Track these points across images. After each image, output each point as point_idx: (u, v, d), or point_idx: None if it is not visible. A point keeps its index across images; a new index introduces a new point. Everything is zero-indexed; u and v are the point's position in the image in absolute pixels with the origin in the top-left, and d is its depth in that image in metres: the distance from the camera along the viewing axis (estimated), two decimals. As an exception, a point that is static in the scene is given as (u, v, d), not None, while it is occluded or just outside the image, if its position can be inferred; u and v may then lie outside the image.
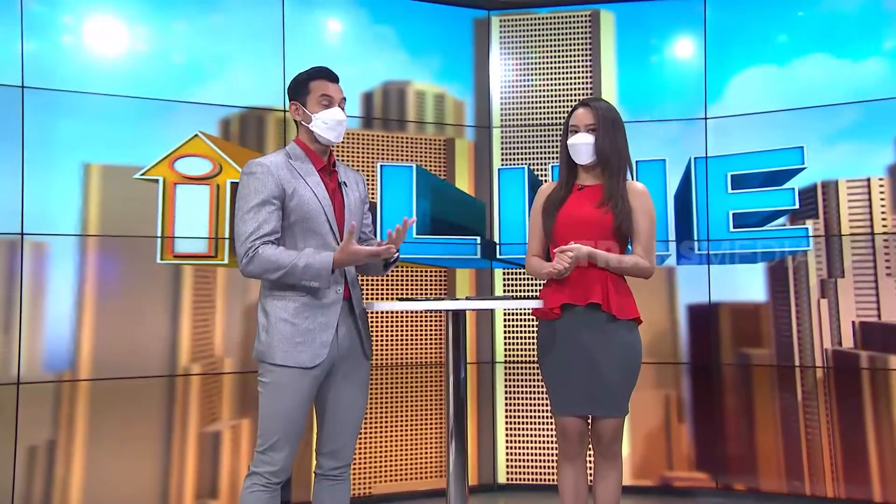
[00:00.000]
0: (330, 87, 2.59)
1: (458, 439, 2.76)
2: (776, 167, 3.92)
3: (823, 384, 3.81)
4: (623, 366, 2.72)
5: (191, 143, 3.69)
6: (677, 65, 4.20)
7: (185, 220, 3.65)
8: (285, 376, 2.50)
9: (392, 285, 4.02)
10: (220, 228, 3.70)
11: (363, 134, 4.05)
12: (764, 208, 3.93)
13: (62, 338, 3.43)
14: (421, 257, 4.02)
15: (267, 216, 2.48)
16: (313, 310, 2.53)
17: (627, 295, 2.76)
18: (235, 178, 3.69)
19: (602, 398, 2.70)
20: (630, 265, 2.74)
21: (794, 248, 3.88)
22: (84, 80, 3.53)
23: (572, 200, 2.80)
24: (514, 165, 4.23)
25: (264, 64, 3.86)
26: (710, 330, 4.05)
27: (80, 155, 3.50)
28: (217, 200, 3.71)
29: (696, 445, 4.06)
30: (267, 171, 2.51)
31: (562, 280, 2.71)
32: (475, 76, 4.30)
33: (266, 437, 2.50)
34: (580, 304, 2.71)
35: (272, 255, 2.45)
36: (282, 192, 2.51)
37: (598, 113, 2.75)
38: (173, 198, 3.64)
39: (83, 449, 3.44)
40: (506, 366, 4.16)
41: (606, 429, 2.73)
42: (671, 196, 4.08)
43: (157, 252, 3.60)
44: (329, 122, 2.57)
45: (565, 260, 2.61)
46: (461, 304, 2.62)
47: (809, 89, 3.90)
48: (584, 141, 2.75)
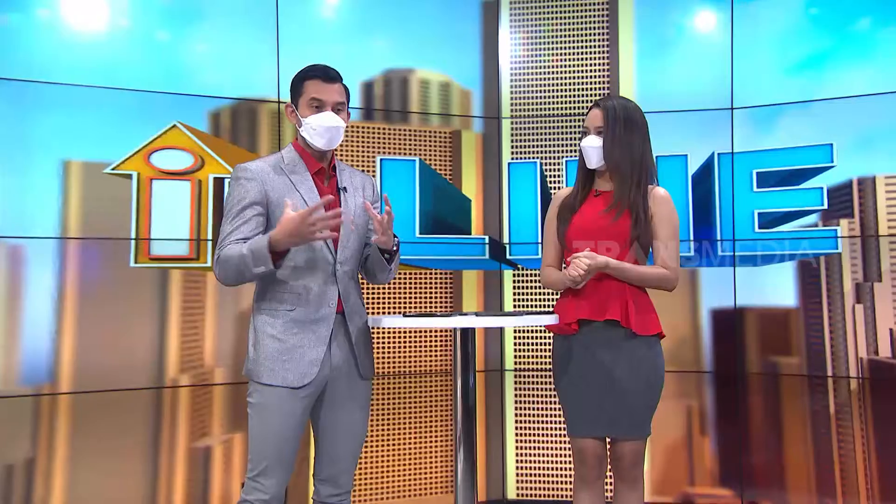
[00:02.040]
0: (323, 88, 2.41)
1: (466, 450, 2.57)
2: (803, 165, 3.66)
3: (858, 396, 3.56)
4: (644, 384, 2.57)
5: (168, 135, 3.42)
6: (702, 49, 3.90)
7: (163, 219, 3.38)
8: (273, 396, 2.36)
9: (394, 289, 3.78)
10: (202, 228, 3.44)
11: (363, 126, 3.80)
12: (790, 208, 3.68)
13: (40, 348, 3.23)
14: (425, 258, 3.78)
15: (240, 223, 2.33)
16: (302, 325, 2.37)
17: (649, 309, 2.62)
18: (219, 172, 3.45)
19: (621, 419, 2.56)
20: (651, 277, 2.60)
21: (820, 251, 3.63)
22: (62, 70, 3.30)
23: (587, 207, 2.66)
24: (525, 159, 3.97)
25: (256, 51, 3.61)
26: (736, 336, 3.79)
27: (59, 151, 3.28)
28: (199, 197, 3.44)
29: (720, 460, 3.83)
30: (250, 176, 2.36)
31: (578, 293, 2.58)
32: (483, 63, 4.03)
33: (256, 462, 2.37)
34: (598, 320, 2.57)
35: (226, 253, 2.29)
36: (265, 199, 2.35)
37: (607, 113, 2.59)
38: (149, 195, 3.37)
39: (64, 467, 3.25)
40: (516, 374, 3.93)
41: (626, 451, 2.59)
42: (692, 194, 3.80)
43: (130, 254, 3.34)
44: (317, 127, 2.40)
45: (581, 266, 2.45)
46: (471, 320, 2.44)
47: (847, 76, 3.62)
48: (591, 144, 2.61)
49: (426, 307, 3.83)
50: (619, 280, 2.56)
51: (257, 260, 2.23)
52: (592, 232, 2.59)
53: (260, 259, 2.22)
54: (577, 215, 2.64)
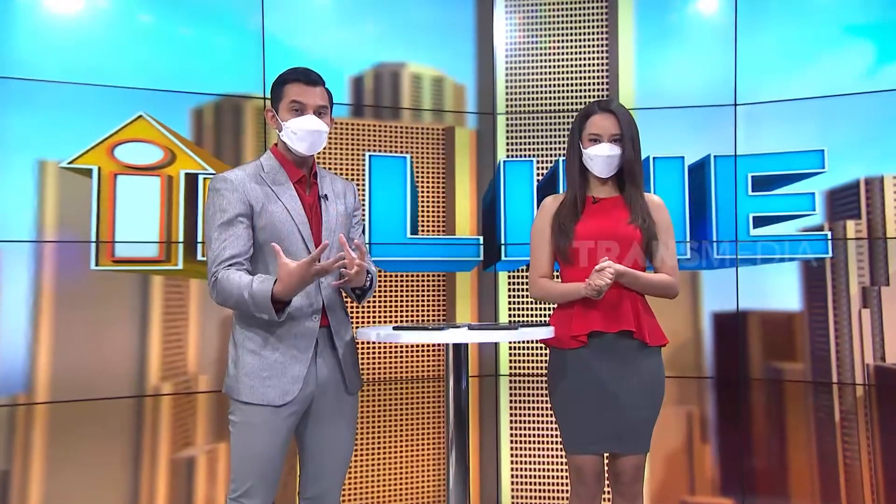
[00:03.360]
0: (304, 91, 2.31)
1: (458, 457, 2.49)
2: (794, 170, 3.54)
3: (864, 403, 3.44)
4: (651, 397, 2.52)
5: (134, 126, 3.24)
6: (704, 41, 3.73)
7: (129, 218, 3.21)
8: (255, 415, 2.26)
9: (383, 293, 3.64)
10: (173, 229, 3.27)
11: (352, 123, 3.65)
12: (782, 212, 3.55)
13: (15, 356, 3.09)
14: (417, 260, 3.63)
15: (231, 238, 2.23)
16: (284, 340, 2.27)
17: (654, 317, 2.58)
18: (192, 168, 3.29)
19: (626, 434, 2.49)
20: (658, 284, 2.54)
21: (812, 255, 3.50)
22: (37, 65, 3.14)
23: (589, 215, 2.57)
24: (520, 156, 3.82)
25: (240, 45, 3.45)
26: (738, 341, 3.66)
27: (34, 151, 3.13)
28: (169, 195, 3.27)
29: (721, 468, 3.69)
30: (231, 188, 2.26)
31: (584, 304, 2.49)
32: (477, 56, 3.88)
33: (238, 483, 2.28)
34: (610, 331, 2.49)
35: (226, 284, 2.19)
36: (248, 209, 2.26)
37: (623, 120, 2.51)
38: (113, 191, 3.20)
39: (40, 480, 3.11)
40: (511, 379, 3.79)
41: (627, 467, 2.51)
42: (688, 197, 3.65)
43: (91, 257, 3.17)
44: (298, 131, 2.30)
45: (606, 276, 2.37)
46: (464, 335, 2.34)
47: (857, 71, 3.48)
48: (610, 153, 2.51)
49: (417, 312, 3.69)
50: (627, 289, 2.49)
51: (259, 308, 2.16)
52: (606, 240, 2.52)
53: (262, 309, 2.16)
54: (580, 225, 2.55)
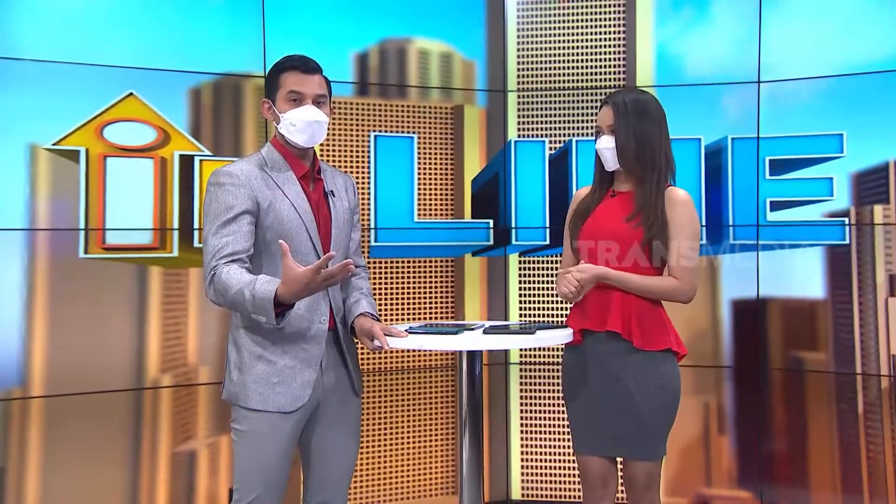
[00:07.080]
0: (302, 80, 2.18)
1: (472, 445, 2.40)
2: (811, 154, 3.40)
3: (889, 394, 3.32)
4: (653, 402, 2.35)
5: (124, 104, 3.09)
6: (726, 14, 3.55)
7: (120, 202, 3.07)
8: (264, 423, 2.17)
9: (390, 280, 3.52)
10: (167, 214, 3.14)
11: (357, 102, 3.50)
12: (797, 197, 3.42)
13: (9, 349, 2.99)
14: (424, 245, 3.51)
15: (235, 233, 2.09)
16: (292, 344, 2.17)
17: (657, 322, 2.36)
18: (186, 149, 3.16)
19: (627, 438, 2.37)
20: (659, 288, 2.35)
21: (824, 242, 3.39)
22: (27, 44, 3.00)
23: (602, 209, 2.42)
24: (532, 135, 3.66)
25: (240, 21, 3.29)
26: (758, 329, 3.53)
27: (26, 135, 2.99)
28: (163, 178, 3.13)
29: (739, 460, 3.60)
30: (238, 182, 2.13)
31: (581, 302, 2.38)
32: (487, 31, 3.71)
33: (244, 493, 2.19)
34: (599, 330, 2.37)
35: (226, 279, 2.05)
36: (255, 206, 2.13)
37: (617, 109, 2.34)
38: (103, 174, 3.05)
39: (37, 476, 3.03)
40: (521, 367, 3.68)
41: (638, 473, 2.41)
42: (704, 183, 3.51)
43: (79, 244, 3.04)
44: (297, 122, 2.17)
45: (571, 283, 2.25)
46: (479, 341, 2.25)
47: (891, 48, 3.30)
48: (605, 146, 2.37)
49: (425, 300, 3.57)
50: (623, 291, 2.34)
51: (258, 309, 2.00)
52: (601, 239, 2.38)
53: (261, 311, 2.00)
54: (588, 220, 2.42)
